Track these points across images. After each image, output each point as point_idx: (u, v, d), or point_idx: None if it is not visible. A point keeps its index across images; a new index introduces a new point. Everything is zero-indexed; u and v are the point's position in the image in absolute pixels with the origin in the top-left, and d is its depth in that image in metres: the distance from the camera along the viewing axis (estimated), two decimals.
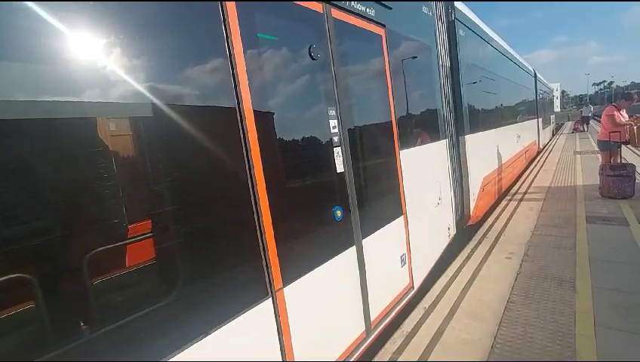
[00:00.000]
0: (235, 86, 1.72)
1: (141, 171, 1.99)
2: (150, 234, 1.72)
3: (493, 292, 3.42)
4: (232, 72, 1.71)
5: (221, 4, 1.68)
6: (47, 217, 1.55)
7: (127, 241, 1.63)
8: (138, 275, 1.62)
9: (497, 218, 5.93)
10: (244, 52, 1.77)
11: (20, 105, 1.31)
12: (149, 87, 1.48)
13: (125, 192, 1.97)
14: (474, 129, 5.21)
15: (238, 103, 1.72)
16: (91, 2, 1.31)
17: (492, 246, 4.63)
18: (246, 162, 1.73)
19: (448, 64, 4.65)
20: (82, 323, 1.45)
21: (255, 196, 1.75)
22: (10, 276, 1.33)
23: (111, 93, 1.45)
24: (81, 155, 1.88)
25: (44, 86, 1.33)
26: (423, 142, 3.68)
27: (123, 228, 1.78)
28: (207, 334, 1.54)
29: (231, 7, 1.71)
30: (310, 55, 2.18)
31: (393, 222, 2.95)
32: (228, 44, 1.69)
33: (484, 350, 2.60)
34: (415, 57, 3.66)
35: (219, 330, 1.57)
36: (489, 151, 6.24)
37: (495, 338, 2.72)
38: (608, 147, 6.59)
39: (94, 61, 1.34)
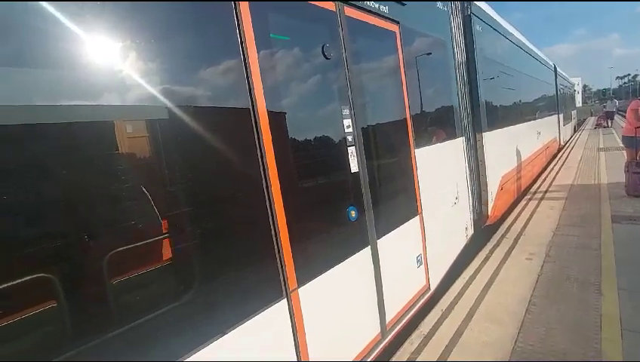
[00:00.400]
0: (249, 87, 1.72)
1: (157, 172, 2.03)
2: (167, 235, 1.75)
3: (513, 294, 3.33)
4: (246, 72, 1.72)
5: (234, 4, 1.68)
6: (68, 218, 1.60)
7: (145, 242, 1.66)
8: (155, 275, 1.64)
9: (517, 218, 5.78)
10: (258, 53, 1.77)
11: (41, 109, 1.34)
12: (164, 90, 1.49)
13: (141, 193, 2.00)
14: (492, 126, 5.08)
15: (252, 104, 1.72)
16: (106, 3, 1.32)
17: (512, 247, 4.51)
18: (260, 163, 1.73)
19: (465, 60, 4.55)
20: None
21: (269, 197, 1.75)
22: (34, 276, 1.36)
23: (128, 96, 1.47)
24: (100, 157, 1.92)
25: (63, 90, 1.36)
26: (438, 140, 3.61)
27: (142, 228, 1.81)
28: (223, 334, 1.54)
29: (244, 8, 1.71)
30: (323, 54, 2.16)
31: (409, 222, 2.91)
32: (242, 45, 1.70)
33: (505, 353, 2.53)
34: (430, 54, 3.60)
35: (235, 330, 1.57)
36: (508, 148, 6.09)
37: (516, 341, 2.64)
38: (634, 143, 6.32)
39: (110, 65, 1.36)
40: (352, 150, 2.32)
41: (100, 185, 1.86)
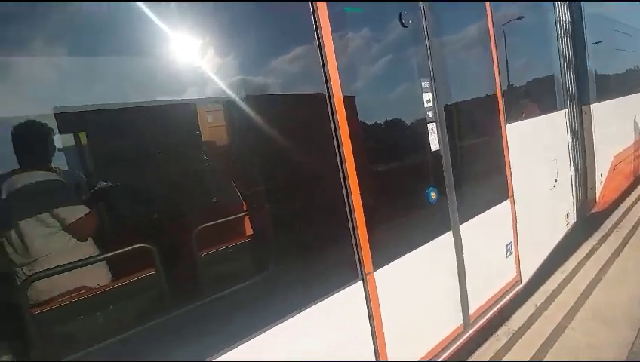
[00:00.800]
0: (324, 67, 1.65)
1: (237, 157, 2.12)
2: (247, 214, 1.83)
3: (629, 293, 2.81)
4: (320, 51, 1.65)
5: None
6: (164, 197, 1.77)
7: (226, 219, 1.75)
8: (236, 251, 1.72)
9: (633, 204, 4.86)
10: (332, 28, 1.68)
11: (138, 105, 1.46)
12: (242, 81, 1.50)
13: (224, 176, 2.13)
14: (602, 96, 4.27)
15: (327, 85, 1.66)
16: (195, 3, 1.35)
17: (626, 239, 3.81)
18: (336, 144, 1.67)
19: (569, 19, 3.86)
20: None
21: (345, 178, 1.69)
22: (135, 246, 1.51)
23: (209, 89, 1.51)
24: (189, 146, 2.09)
25: (155, 85, 1.43)
26: (534, 114, 3.16)
27: (225, 207, 1.92)
28: (299, 311, 1.56)
29: None
30: (401, 22, 1.99)
31: (497, 206, 2.61)
32: (315, 21, 1.63)
33: (616, 358, 2.15)
34: (524, 15, 3.12)
35: (311, 308, 1.58)
36: (622, 123, 5.08)
37: (632, 345, 2.23)
38: None
39: (198, 60, 1.40)
40: (432, 127, 2.14)
41: (190, 168, 2.02)
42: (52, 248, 1.48)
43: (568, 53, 3.83)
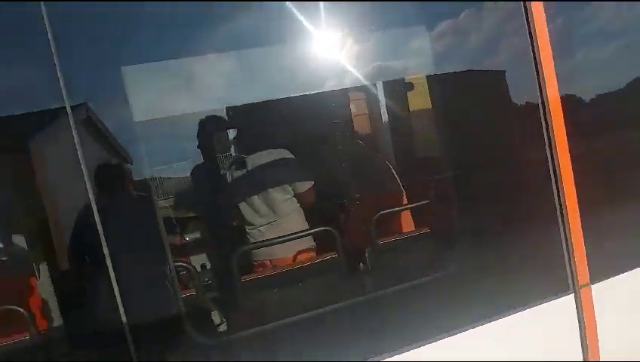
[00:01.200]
0: (530, 34, 1.35)
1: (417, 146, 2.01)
2: (425, 204, 1.71)
3: None
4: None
5: None
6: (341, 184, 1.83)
7: (405, 208, 1.67)
8: (416, 241, 1.63)
9: None
10: None
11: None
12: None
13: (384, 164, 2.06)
14: None
15: (535, 55, 1.35)
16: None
17: None
18: (544, 126, 1.36)
19: None
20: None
21: (555, 168, 1.37)
22: (321, 228, 1.58)
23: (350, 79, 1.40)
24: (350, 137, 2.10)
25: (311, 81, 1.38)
26: None
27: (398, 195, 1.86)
28: (493, 319, 1.35)
29: None
30: None
31: None
32: None
33: None
34: None
35: (508, 317, 1.35)
36: None
37: None
38: None
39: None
40: None
41: (355, 159, 2.03)
42: (286, 211, 1.76)
43: None
